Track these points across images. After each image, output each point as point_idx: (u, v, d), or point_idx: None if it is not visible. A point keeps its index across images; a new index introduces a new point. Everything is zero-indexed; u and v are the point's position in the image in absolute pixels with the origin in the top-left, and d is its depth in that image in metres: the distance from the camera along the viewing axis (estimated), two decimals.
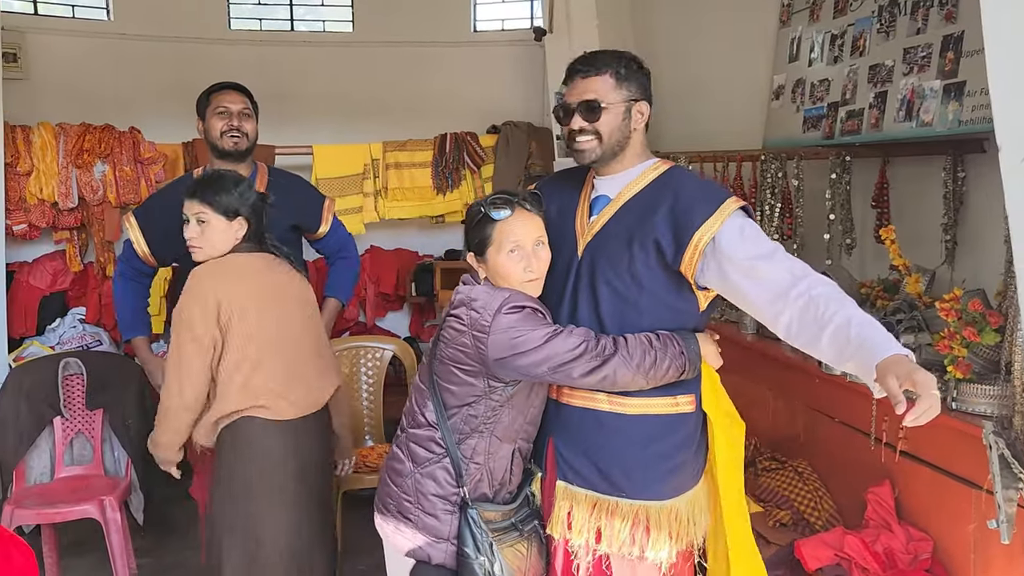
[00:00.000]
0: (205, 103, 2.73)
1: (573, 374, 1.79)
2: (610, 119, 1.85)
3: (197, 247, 2.25)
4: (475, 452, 1.89)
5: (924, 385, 1.46)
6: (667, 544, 1.85)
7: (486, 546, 1.84)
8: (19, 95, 4.27)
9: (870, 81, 3.28)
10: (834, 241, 3.57)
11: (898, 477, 2.35)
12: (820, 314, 1.65)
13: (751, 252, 1.76)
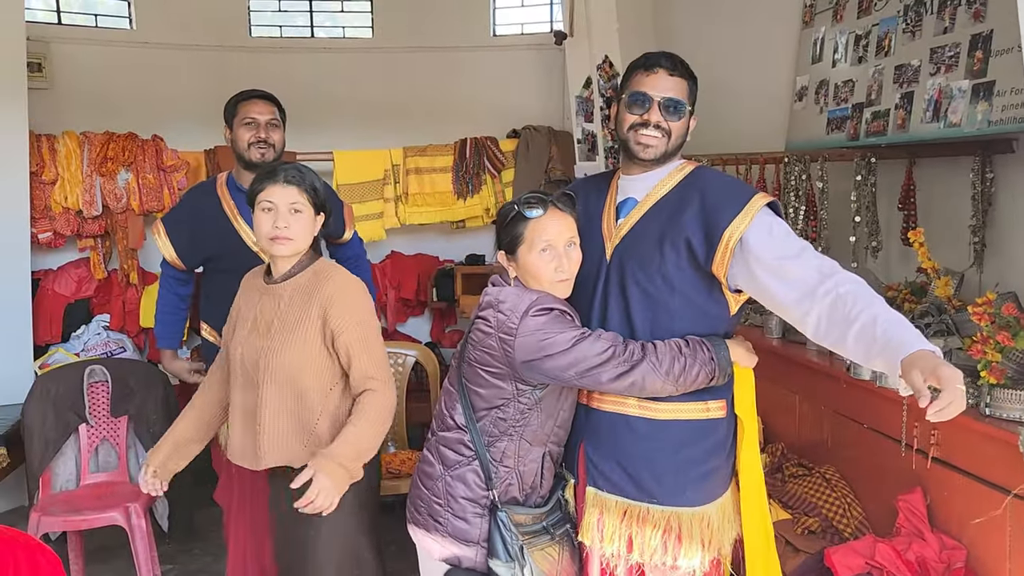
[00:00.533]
0: (232, 112, 2.70)
1: (601, 379, 1.78)
2: (682, 124, 1.90)
3: (287, 238, 2.06)
4: (504, 455, 1.89)
5: (948, 379, 1.44)
6: (699, 552, 1.84)
7: (516, 549, 1.83)
8: (44, 104, 4.32)
9: (896, 82, 3.24)
10: (859, 244, 3.53)
11: (930, 484, 2.31)
12: (847, 312, 1.63)
13: (779, 251, 1.75)
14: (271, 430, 2.09)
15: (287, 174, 2.09)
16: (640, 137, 1.87)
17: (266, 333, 2.09)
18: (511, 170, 4.81)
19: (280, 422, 2.09)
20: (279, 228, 2.05)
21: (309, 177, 2.11)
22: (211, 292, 2.77)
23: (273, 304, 2.12)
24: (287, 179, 2.08)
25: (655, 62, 1.88)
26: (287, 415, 2.09)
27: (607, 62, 4.12)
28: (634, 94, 1.87)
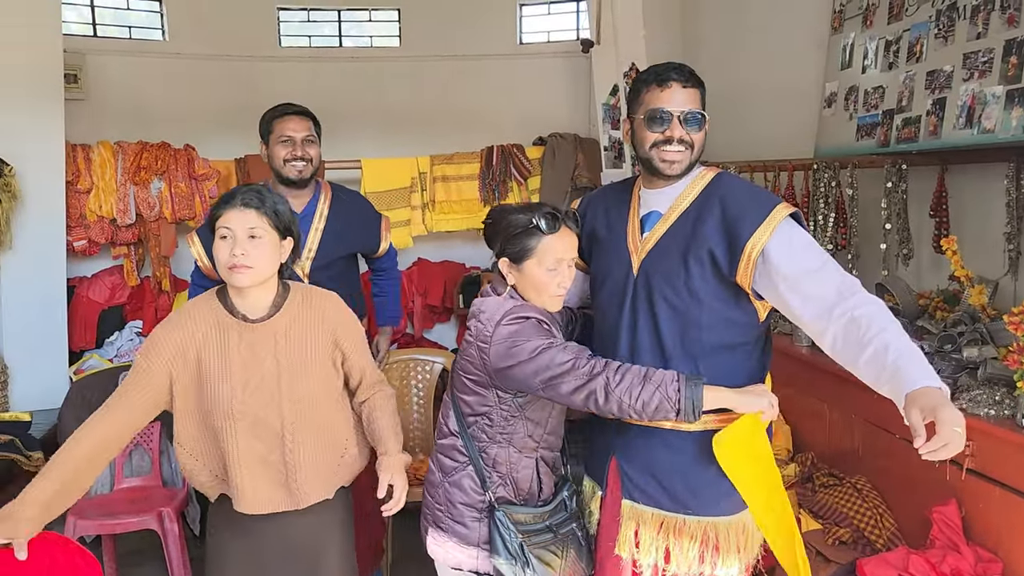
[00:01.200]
0: (268, 128, 2.67)
1: (562, 390, 1.76)
2: (703, 134, 1.88)
3: (246, 267, 1.87)
4: (496, 462, 1.93)
5: (946, 421, 1.44)
6: (736, 560, 1.84)
7: (515, 547, 1.86)
8: (79, 115, 4.40)
9: (927, 87, 3.21)
10: (890, 251, 3.49)
11: (965, 496, 2.28)
12: (861, 336, 1.63)
13: (800, 266, 1.74)
14: (310, 471, 2.00)
15: (244, 197, 1.92)
16: (664, 154, 1.84)
17: (274, 379, 1.93)
18: (537, 177, 4.82)
19: (317, 459, 2.01)
20: (235, 256, 1.86)
21: (270, 200, 1.93)
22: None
23: (268, 345, 1.94)
24: (244, 202, 1.90)
25: (667, 76, 1.85)
26: (321, 450, 2.02)
27: (634, 69, 4.12)
28: (653, 111, 1.83)
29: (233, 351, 1.92)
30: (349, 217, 2.79)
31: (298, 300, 2.00)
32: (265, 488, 1.98)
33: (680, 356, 1.84)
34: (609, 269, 1.94)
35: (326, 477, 2.05)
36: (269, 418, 1.93)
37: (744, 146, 4.18)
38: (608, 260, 1.95)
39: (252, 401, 1.92)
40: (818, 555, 2.57)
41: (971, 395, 2.29)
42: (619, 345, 1.90)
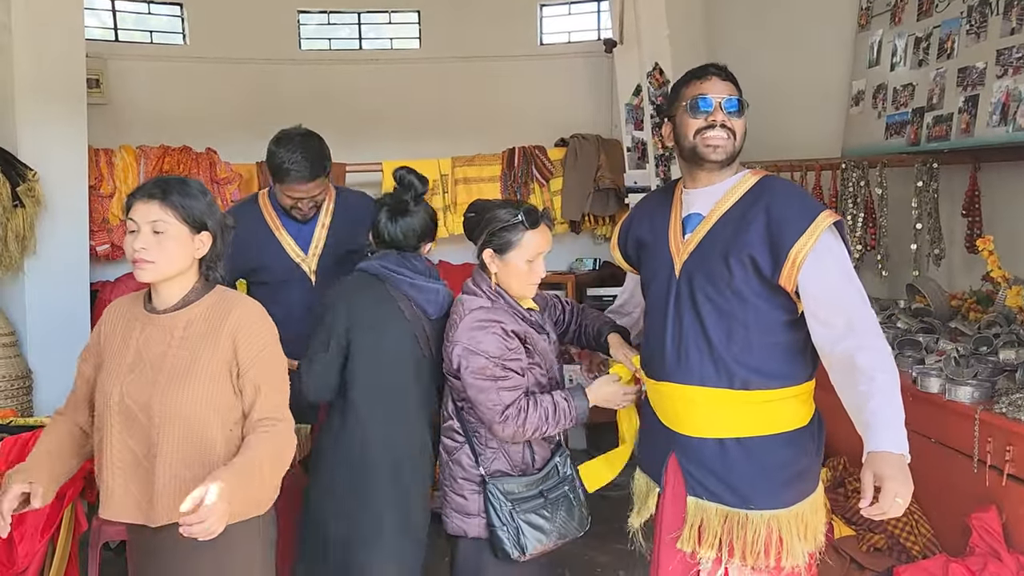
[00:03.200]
0: (273, 176, 2.56)
1: (481, 416, 2.05)
2: (743, 123, 1.90)
3: (148, 262, 1.75)
4: (488, 440, 2.10)
5: (888, 492, 1.63)
6: (801, 550, 1.86)
7: (505, 514, 2.05)
8: (101, 119, 4.42)
9: (959, 85, 3.15)
10: (921, 251, 3.44)
11: (1005, 502, 2.22)
12: (852, 379, 1.75)
13: (824, 290, 1.79)
14: (169, 482, 1.75)
15: (150, 188, 1.79)
16: (708, 139, 1.88)
17: (157, 370, 1.78)
18: (559, 179, 4.79)
19: (181, 472, 1.76)
20: (136, 250, 1.75)
21: (178, 191, 1.79)
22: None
23: (163, 337, 1.81)
24: (149, 194, 1.78)
25: (705, 70, 1.92)
26: (188, 463, 1.76)
27: (657, 69, 4.08)
28: (694, 99, 1.89)
29: (132, 341, 1.83)
30: (355, 213, 2.71)
31: (212, 301, 1.85)
32: (119, 490, 1.80)
33: (728, 355, 1.86)
34: (655, 272, 1.98)
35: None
36: (146, 414, 1.77)
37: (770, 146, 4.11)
38: (653, 263, 2.00)
39: (131, 391, 1.78)
40: (852, 562, 2.52)
41: (1011, 399, 2.23)
42: (665, 346, 1.93)
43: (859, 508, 1.68)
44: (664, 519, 1.99)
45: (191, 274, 1.85)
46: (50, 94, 3.73)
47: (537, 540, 2.07)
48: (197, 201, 1.81)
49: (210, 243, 1.84)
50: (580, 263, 4.93)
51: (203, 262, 1.86)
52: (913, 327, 3.04)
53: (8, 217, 3.51)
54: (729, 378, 1.86)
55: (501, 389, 2.01)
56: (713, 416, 1.89)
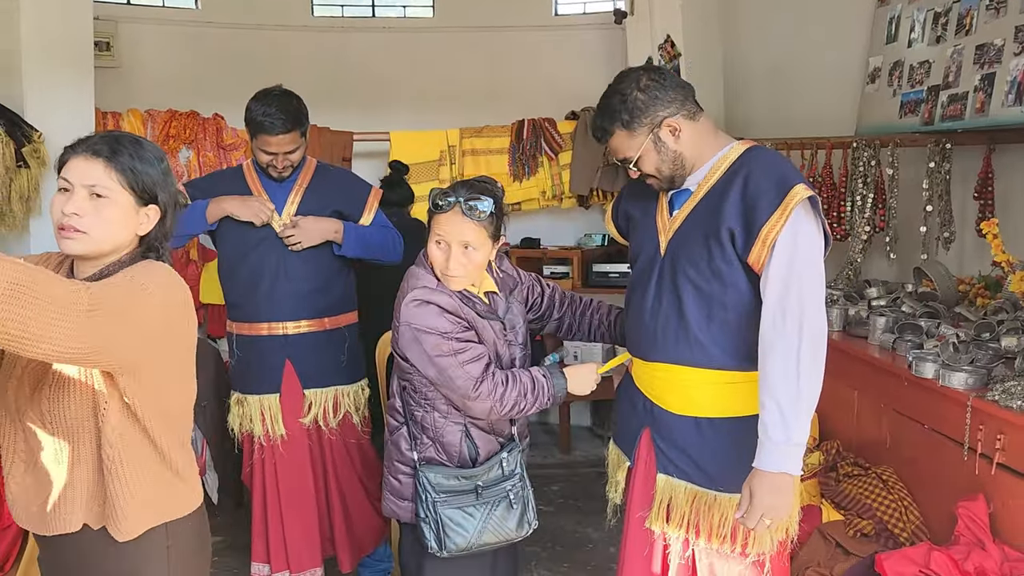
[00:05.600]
0: (249, 129, 2.59)
1: (450, 396, 1.96)
2: (647, 160, 1.83)
3: (77, 231, 1.45)
4: (424, 425, 2.02)
5: (753, 510, 1.70)
6: (768, 536, 1.82)
7: (429, 505, 1.97)
8: (112, 83, 4.42)
9: (976, 62, 3.05)
10: (930, 234, 3.36)
11: (994, 492, 2.17)
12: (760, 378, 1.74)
13: (778, 268, 1.71)
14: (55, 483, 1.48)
15: (95, 143, 1.49)
16: (650, 184, 1.89)
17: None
18: (568, 152, 4.71)
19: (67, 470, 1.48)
20: (66, 215, 1.45)
21: (129, 152, 1.50)
22: (237, 286, 2.70)
23: None
24: (94, 150, 1.47)
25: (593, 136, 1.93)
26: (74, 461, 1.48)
27: (669, 41, 4.00)
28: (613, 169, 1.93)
29: None
30: (334, 183, 2.76)
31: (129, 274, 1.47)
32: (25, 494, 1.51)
33: (706, 335, 1.82)
34: (642, 248, 1.94)
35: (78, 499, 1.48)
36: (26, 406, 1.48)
37: (783, 123, 4.04)
38: (641, 239, 1.96)
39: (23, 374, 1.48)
40: (838, 547, 2.48)
41: (1005, 386, 2.17)
42: (645, 323, 1.90)
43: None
44: (634, 496, 1.97)
45: (126, 249, 1.54)
46: (57, 56, 3.73)
47: (460, 537, 1.97)
48: (151, 167, 1.52)
49: (157, 219, 1.55)
50: (589, 239, 4.88)
51: (144, 240, 1.55)
52: (917, 311, 2.97)
53: (12, 177, 3.52)
54: (707, 358, 1.82)
55: (465, 363, 1.92)
56: (690, 395, 1.86)
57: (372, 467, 2.88)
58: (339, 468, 2.77)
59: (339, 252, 2.69)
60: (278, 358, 2.67)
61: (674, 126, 1.79)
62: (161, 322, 1.43)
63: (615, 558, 3.29)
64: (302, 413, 2.69)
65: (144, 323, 1.39)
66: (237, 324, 2.73)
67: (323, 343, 2.70)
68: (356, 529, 2.83)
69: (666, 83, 1.80)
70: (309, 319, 2.67)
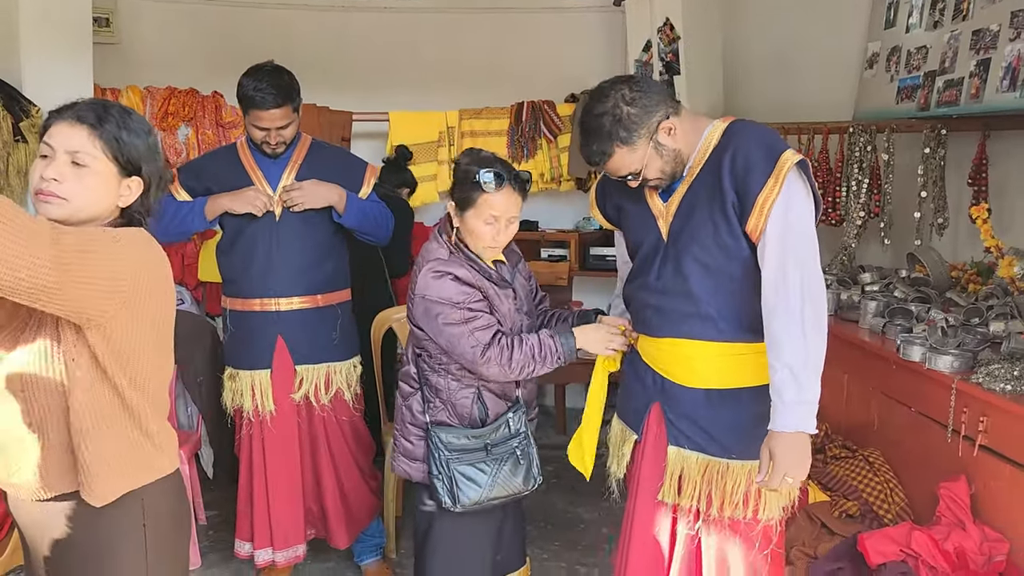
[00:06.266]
0: (242, 105, 2.61)
1: (460, 360, 2.03)
2: (653, 166, 1.83)
3: (56, 196, 1.43)
4: (438, 389, 2.12)
5: (776, 470, 1.73)
6: (776, 503, 1.86)
7: (442, 462, 2.07)
8: (112, 59, 4.42)
9: (972, 48, 3.04)
10: (924, 220, 3.36)
11: (976, 473, 2.19)
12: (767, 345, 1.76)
13: (775, 236, 1.73)
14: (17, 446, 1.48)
15: (81, 110, 1.47)
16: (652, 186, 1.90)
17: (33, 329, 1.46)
18: (567, 135, 4.71)
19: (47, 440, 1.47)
20: (45, 180, 1.43)
21: (119, 121, 1.49)
22: (231, 261, 2.73)
23: None
24: (79, 116, 1.45)
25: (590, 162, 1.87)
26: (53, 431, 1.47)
27: (668, 24, 3.99)
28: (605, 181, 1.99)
29: None
30: (329, 161, 2.77)
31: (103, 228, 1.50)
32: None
33: (714, 309, 1.84)
34: (643, 237, 1.95)
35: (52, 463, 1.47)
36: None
37: (783, 108, 4.03)
38: (638, 228, 1.97)
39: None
40: (823, 527, 2.51)
41: (989, 369, 2.19)
42: (654, 302, 1.92)
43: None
44: (643, 470, 1.99)
45: (106, 218, 1.52)
46: (56, 31, 3.72)
47: (473, 492, 2.08)
48: (138, 139, 1.51)
49: (139, 192, 1.53)
50: (587, 222, 4.88)
51: (126, 213, 1.54)
52: (909, 296, 2.99)
53: (11, 152, 3.53)
54: (716, 331, 1.85)
55: (475, 330, 1.99)
56: (700, 368, 1.88)
57: (365, 444, 2.91)
58: (332, 444, 2.79)
59: (338, 219, 2.71)
60: (270, 334, 2.69)
61: (669, 126, 1.81)
62: (130, 276, 1.41)
63: (607, 537, 3.34)
64: (293, 389, 2.72)
65: (110, 270, 1.37)
66: (231, 300, 2.75)
67: (315, 320, 2.72)
68: (352, 506, 2.86)
69: (649, 89, 1.81)
70: (302, 296, 2.69)
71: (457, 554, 2.17)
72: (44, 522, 1.52)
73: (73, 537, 1.51)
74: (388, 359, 3.56)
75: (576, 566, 3.16)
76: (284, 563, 2.81)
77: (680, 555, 1.95)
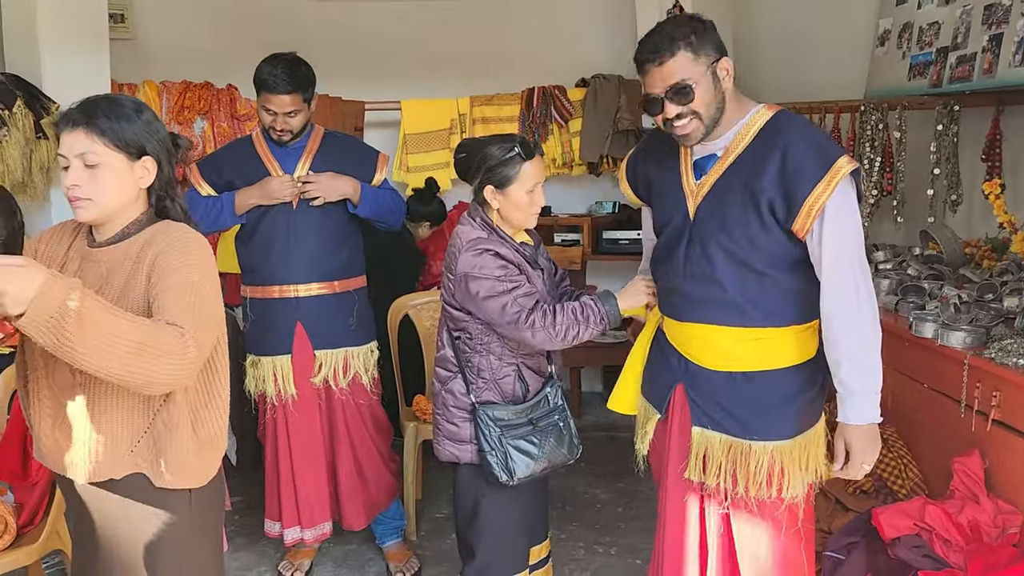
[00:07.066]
0: (256, 87, 2.69)
1: (506, 332, 2.08)
2: (703, 94, 1.77)
3: (84, 199, 1.55)
4: (480, 369, 2.17)
5: (854, 461, 1.83)
6: (801, 480, 1.90)
7: (494, 439, 2.13)
8: (128, 55, 4.46)
9: (984, 23, 3.03)
10: (937, 197, 3.36)
11: (989, 448, 2.21)
12: (826, 338, 1.84)
13: (830, 242, 1.76)
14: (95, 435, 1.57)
15: (73, 114, 1.56)
16: (675, 131, 1.83)
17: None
18: (578, 120, 4.72)
19: (103, 425, 1.57)
20: (69, 188, 1.55)
21: (107, 111, 1.56)
22: (250, 251, 2.79)
23: (98, 273, 1.60)
24: (72, 121, 1.54)
25: (641, 60, 1.80)
26: (119, 414, 1.57)
27: (677, 6, 3.99)
28: (645, 98, 1.82)
29: (73, 272, 1.62)
30: (343, 151, 2.83)
31: (150, 234, 1.60)
32: (48, 436, 1.62)
33: (739, 295, 1.85)
34: (669, 214, 1.96)
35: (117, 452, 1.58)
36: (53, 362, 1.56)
37: (796, 87, 4.02)
38: (666, 204, 1.97)
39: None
40: (837, 503, 2.54)
41: (1002, 344, 2.20)
42: (677, 286, 1.94)
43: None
44: (672, 452, 2.02)
45: (139, 205, 1.63)
46: (73, 28, 3.78)
47: (525, 465, 2.14)
48: (130, 123, 1.57)
49: (155, 169, 1.61)
50: (599, 206, 4.90)
51: (151, 191, 1.64)
52: (922, 273, 2.99)
53: (32, 148, 3.59)
54: (741, 317, 1.86)
55: (518, 297, 2.05)
56: (725, 351, 1.90)
57: (383, 427, 2.97)
58: (351, 427, 2.85)
59: (353, 211, 2.77)
60: (290, 320, 2.75)
61: (727, 68, 1.80)
62: (216, 299, 1.59)
63: (623, 517, 3.39)
64: (313, 373, 2.78)
65: (214, 313, 1.57)
66: (251, 288, 2.81)
67: (333, 305, 2.77)
68: (371, 488, 2.92)
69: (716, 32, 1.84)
70: (319, 282, 2.75)
71: (506, 530, 2.24)
72: (99, 505, 1.64)
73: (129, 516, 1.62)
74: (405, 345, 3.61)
75: (594, 545, 3.21)
76: (312, 540, 2.89)
77: (713, 535, 1.98)
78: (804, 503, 1.94)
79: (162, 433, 1.58)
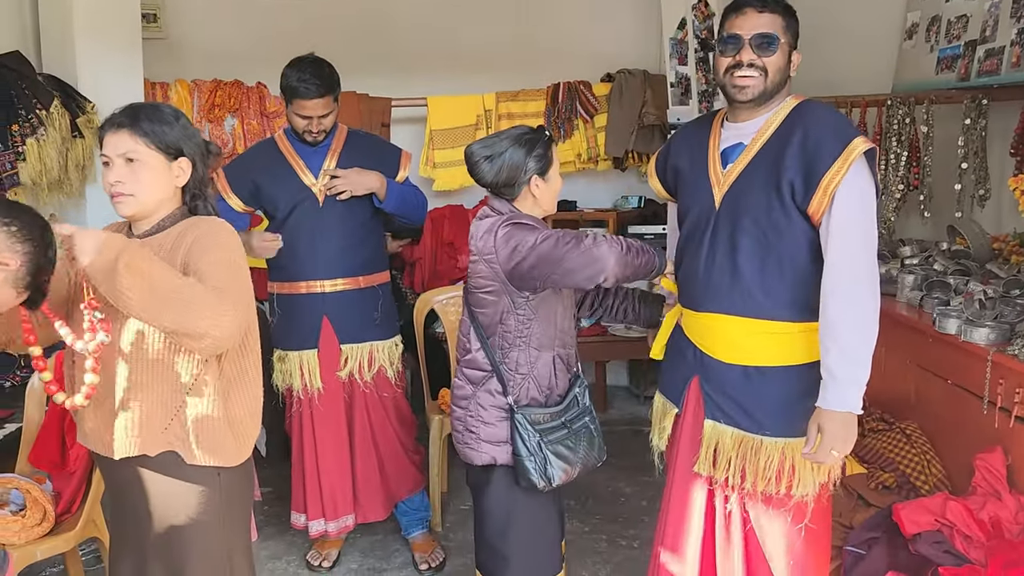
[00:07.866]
0: (286, 94, 2.72)
1: (568, 266, 1.94)
2: (778, 58, 1.85)
3: (126, 195, 1.70)
4: (518, 364, 2.12)
5: (824, 445, 1.80)
6: (812, 479, 1.90)
7: (534, 444, 2.08)
8: (160, 54, 4.55)
9: (1013, 15, 3.00)
10: (965, 192, 3.33)
11: (1012, 444, 2.20)
12: (821, 321, 1.81)
13: (839, 221, 1.77)
14: (127, 416, 1.71)
15: (118, 118, 1.72)
16: (735, 80, 1.86)
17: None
18: (603, 115, 4.73)
19: (140, 406, 1.71)
20: (112, 184, 1.71)
21: (147, 116, 1.72)
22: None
23: None
24: (118, 124, 1.71)
25: (741, 4, 1.87)
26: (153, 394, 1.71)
27: (703, 2, 3.98)
28: (724, 37, 1.88)
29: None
30: (367, 149, 2.88)
31: (183, 227, 1.75)
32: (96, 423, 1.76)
33: (758, 287, 1.88)
34: (695, 202, 1.98)
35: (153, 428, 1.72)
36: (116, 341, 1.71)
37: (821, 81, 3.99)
38: (693, 193, 2.00)
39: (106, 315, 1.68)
40: (859, 499, 2.54)
41: None
42: (698, 275, 1.96)
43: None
44: (682, 442, 2.05)
45: (174, 202, 1.79)
46: (107, 29, 3.87)
47: (562, 470, 2.10)
48: (170, 127, 1.74)
49: (190, 170, 1.77)
50: (624, 201, 4.91)
51: (186, 190, 1.80)
52: (949, 269, 2.97)
53: (69, 147, 3.69)
54: (758, 308, 1.89)
55: (565, 233, 1.98)
56: (740, 344, 1.92)
57: (407, 420, 3.02)
58: (373, 417, 2.91)
59: (379, 205, 2.82)
60: (316, 315, 2.81)
61: (796, 62, 1.89)
62: (248, 280, 1.73)
63: (646, 511, 3.41)
64: (339, 367, 2.83)
65: (248, 289, 1.72)
66: (278, 284, 2.87)
67: (358, 300, 2.83)
68: (390, 479, 2.97)
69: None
70: (345, 278, 2.80)
71: (539, 534, 2.21)
72: (134, 481, 1.77)
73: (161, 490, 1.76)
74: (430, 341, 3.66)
75: (617, 538, 3.24)
76: (335, 533, 2.95)
77: (719, 528, 2.00)
78: (815, 502, 1.94)
79: (194, 412, 1.72)
